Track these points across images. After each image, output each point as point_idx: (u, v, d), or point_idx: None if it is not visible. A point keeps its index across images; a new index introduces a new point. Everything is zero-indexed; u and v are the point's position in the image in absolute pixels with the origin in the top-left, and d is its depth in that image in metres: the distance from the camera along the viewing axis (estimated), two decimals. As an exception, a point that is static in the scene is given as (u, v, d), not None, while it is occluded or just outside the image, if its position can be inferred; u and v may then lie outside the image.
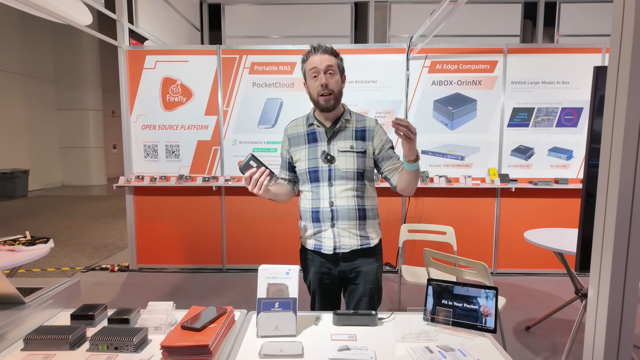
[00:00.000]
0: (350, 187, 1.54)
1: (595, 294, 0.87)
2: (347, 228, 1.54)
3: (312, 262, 1.62)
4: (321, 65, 1.49)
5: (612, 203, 0.82)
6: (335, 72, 1.51)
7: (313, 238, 1.59)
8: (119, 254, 4.62)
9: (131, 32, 3.92)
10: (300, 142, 1.61)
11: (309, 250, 1.63)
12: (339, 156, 1.54)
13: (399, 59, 3.73)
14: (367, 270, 1.57)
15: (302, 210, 1.63)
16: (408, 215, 3.87)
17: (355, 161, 1.53)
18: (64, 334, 1.05)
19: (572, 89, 3.70)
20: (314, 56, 1.51)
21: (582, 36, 5.32)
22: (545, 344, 2.58)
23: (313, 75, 1.51)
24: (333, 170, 1.53)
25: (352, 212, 1.54)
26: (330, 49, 1.53)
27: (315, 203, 1.56)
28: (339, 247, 1.55)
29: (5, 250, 2.19)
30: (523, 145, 3.77)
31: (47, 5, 2.89)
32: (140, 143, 3.88)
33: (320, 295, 1.64)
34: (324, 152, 1.55)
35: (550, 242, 2.47)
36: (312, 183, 1.57)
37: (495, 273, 3.88)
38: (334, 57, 1.52)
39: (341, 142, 1.55)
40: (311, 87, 1.54)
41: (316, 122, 1.59)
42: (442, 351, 1.06)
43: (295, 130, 1.64)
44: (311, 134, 1.59)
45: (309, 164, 1.57)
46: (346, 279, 1.61)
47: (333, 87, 1.50)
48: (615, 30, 0.81)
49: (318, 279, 1.62)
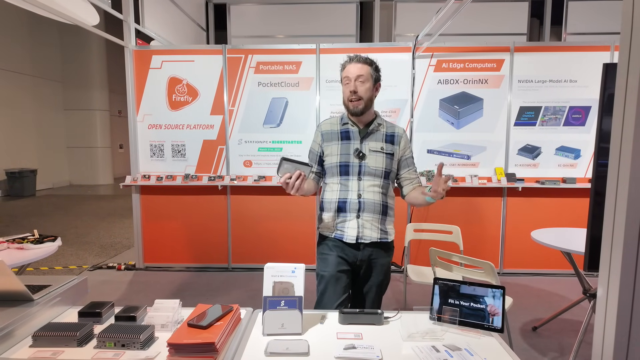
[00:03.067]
0: (377, 183, 1.68)
1: (604, 293, 0.86)
2: (370, 220, 1.66)
3: (334, 248, 1.70)
4: (352, 74, 1.63)
5: (622, 202, 0.81)
6: (366, 80, 1.63)
7: (335, 228, 1.69)
8: (126, 253, 4.66)
9: (137, 32, 3.94)
10: (333, 138, 1.73)
11: (330, 238, 1.71)
12: (369, 154, 1.68)
13: (404, 57, 3.71)
14: (382, 263, 1.71)
15: (326, 202, 1.73)
16: (414, 215, 3.85)
17: (384, 161, 1.68)
18: (72, 331, 1.06)
19: (580, 87, 3.66)
20: (349, 65, 1.65)
21: (590, 34, 5.26)
22: (553, 344, 2.55)
23: (346, 82, 1.66)
24: (363, 167, 1.67)
25: (377, 206, 1.67)
26: (364, 58, 1.65)
27: (343, 194, 1.67)
28: (362, 237, 1.66)
29: (14, 248, 2.22)
30: (530, 144, 3.74)
31: (55, 5, 2.92)
32: (146, 142, 3.91)
33: (333, 281, 1.67)
34: (356, 149, 1.68)
35: (558, 241, 2.44)
36: (342, 176, 1.69)
37: (502, 273, 3.85)
38: (367, 65, 1.65)
39: (373, 143, 1.69)
40: (343, 92, 1.69)
41: (350, 122, 1.73)
42: (449, 350, 1.06)
43: (330, 127, 1.76)
44: (344, 132, 1.72)
45: (340, 158, 1.69)
46: (360, 269, 1.71)
47: (362, 93, 1.63)
48: (625, 27, 0.79)
49: (336, 262, 1.68)
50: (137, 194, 3.94)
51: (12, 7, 2.45)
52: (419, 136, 3.77)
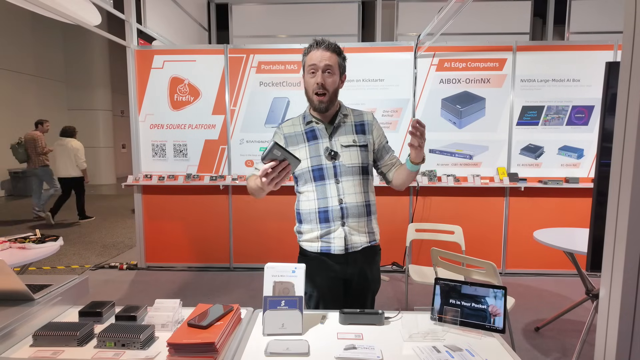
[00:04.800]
0: (357, 182, 1.50)
1: (607, 294, 0.85)
2: (356, 226, 1.50)
3: (319, 267, 1.53)
4: (320, 63, 1.43)
5: (624, 202, 0.80)
6: (333, 72, 1.45)
7: (319, 240, 1.52)
8: (128, 253, 4.67)
9: (139, 32, 3.95)
10: (298, 140, 1.53)
11: (313, 254, 1.54)
12: (342, 151, 1.49)
13: (406, 57, 3.70)
14: (373, 270, 1.58)
15: (304, 212, 1.55)
16: (415, 215, 3.84)
17: (359, 155, 1.51)
18: (72, 331, 1.06)
19: (583, 86, 3.64)
20: (316, 51, 1.44)
21: (594, 33, 5.23)
22: (555, 345, 2.54)
23: (311, 70, 1.46)
24: (338, 167, 1.48)
25: (361, 209, 1.50)
26: (333, 45, 1.46)
27: (323, 202, 1.50)
28: (351, 246, 1.50)
29: (16, 248, 2.22)
30: (532, 143, 3.73)
31: (57, 5, 2.93)
32: (148, 142, 3.91)
33: (324, 300, 1.54)
34: (327, 148, 1.49)
35: (561, 241, 2.43)
36: (317, 182, 1.50)
37: (504, 273, 3.84)
38: (336, 55, 1.46)
39: (343, 137, 1.51)
40: (307, 82, 1.48)
41: (315, 120, 1.54)
42: (450, 351, 1.05)
43: (292, 129, 1.56)
44: (310, 131, 1.53)
45: (311, 162, 1.50)
46: (351, 280, 1.56)
47: (329, 86, 1.45)
48: (627, 26, 0.79)
49: (326, 284, 1.53)
50: (139, 193, 3.95)
51: (15, 8, 2.47)
52: (420, 136, 3.75)
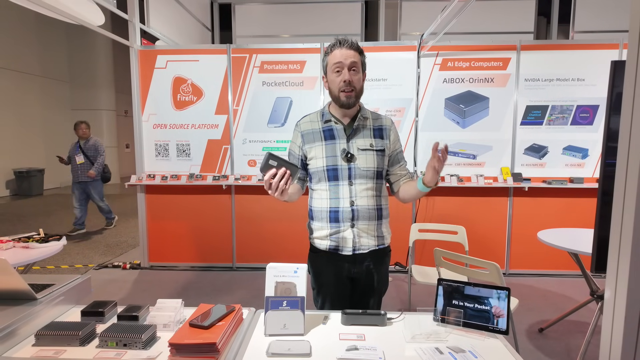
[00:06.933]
0: (370, 186, 1.51)
1: (612, 295, 0.84)
2: (366, 229, 1.51)
3: (328, 264, 1.55)
4: (346, 61, 1.43)
5: (630, 202, 0.79)
6: (358, 70, 1.47)
7: (329, 239, 1.53)
8: (131, 252, 4.68)
9: (143, 32, 3.95)
10: (315, 138, 1.53)
11: (323, 251, 1.56)
12: (359, 154, 1.50)
13: (409, 56, 3.69)
14: (381, 271, 1.58)
15: (315, 210, 1.56)
16: (419, 215, 3.83)
17: (375, 160, 1.51)
18: (75, 330, 1.06)
19: (588, 86, 3.62)
20: (339, 50, 1.45)
21: (599, 32, 5.20)
22: (559, 346, 2.52)
23: (336, 69, 1.46)
24: (353, 169, 1.49)
25: (371, 212, 1.51)
26: (356, 44, 1.47)
27: (334, 202, 1.50)
28: (359, 247, 1.51)
29: (20, 247, 2.23)
30: (536, 143, 3.70)
31: (61, 6, 2.94)
32: (151, 142, 3.92)
33: (330, 297, 1.57)
34: (344, 150, 1.49)
35: (565, 242, 2.41)
36: (330, 182, 1.51)
37: (508, 274, 3.82)
38: (358, 53, 1.48)
39: (361, 140, 1.51)
40: (332, 81, 1.48)
41: (334, 119, 1.53)
42: (453, 352, 1.04)
43: (310, 126, 1.56)
44: (328, 130, 1.53)
45: (326, 162, 1.50)
46: (359, 279, 1.57)
47: (355, 84, 1.46)
48: (633, 25, 0.78)
49: (333, 281, 1.55)
50: (143, 193, 3.96)
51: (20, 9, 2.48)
52: (424, 135, 3.75)
